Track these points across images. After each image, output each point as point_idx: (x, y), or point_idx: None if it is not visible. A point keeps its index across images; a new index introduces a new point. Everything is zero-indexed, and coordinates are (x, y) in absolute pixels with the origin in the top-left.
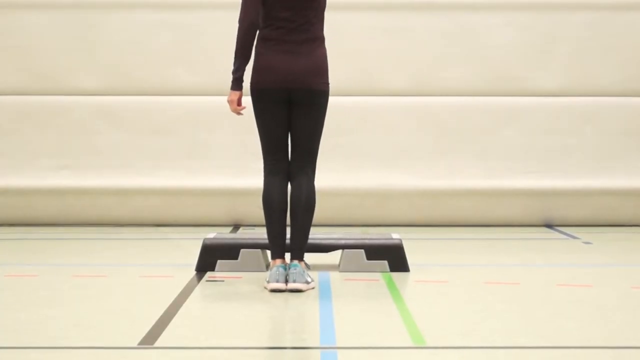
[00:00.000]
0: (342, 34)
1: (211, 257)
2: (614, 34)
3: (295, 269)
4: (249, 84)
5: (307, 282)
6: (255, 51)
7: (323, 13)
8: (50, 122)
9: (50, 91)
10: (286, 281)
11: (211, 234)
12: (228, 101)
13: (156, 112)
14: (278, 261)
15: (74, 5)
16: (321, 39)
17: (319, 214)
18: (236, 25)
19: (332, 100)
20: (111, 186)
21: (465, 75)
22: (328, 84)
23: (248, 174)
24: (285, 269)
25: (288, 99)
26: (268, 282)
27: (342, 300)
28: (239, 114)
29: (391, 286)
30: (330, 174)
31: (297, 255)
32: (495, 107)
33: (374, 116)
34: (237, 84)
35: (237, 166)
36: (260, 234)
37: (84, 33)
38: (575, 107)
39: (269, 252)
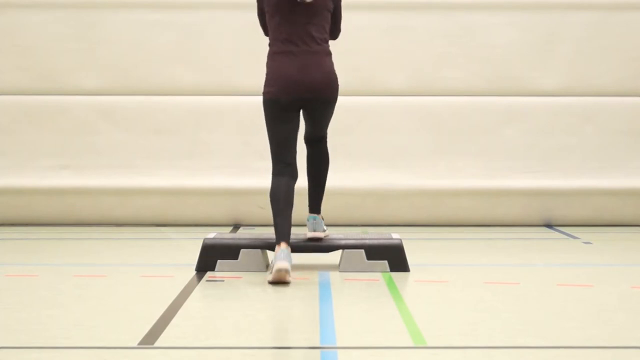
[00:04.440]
0: (342, 33)
1: (211, 257)
2: (614, 34)
3: (314, 220)
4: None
5: (324, 231)
6: (267, 64)
7: (327, 27)
8: (50, 122)
9: (50, 91)
10: (289, 262)
11: (211, 234)
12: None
13: (156, 112)
14: (283, 245)
15: (74, 5)
16: (328, 51)
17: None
18: (236, 25)
19: None
20: (111, 186)
21: (465, 75)
22: (337, 90)
23: (249, 174)
24: (289, 250)
25: (299, 107)
26: (275, 262)
27: (342, 300)
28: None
29: (391, 286)
30: (331, 174)
31: (315, 210)
32: (495, 107)
33: (374, 116)
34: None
35: (237, 166)
36: (260, 234)
37: (84, 33)
38: (575, 107)
39: (269, 252)
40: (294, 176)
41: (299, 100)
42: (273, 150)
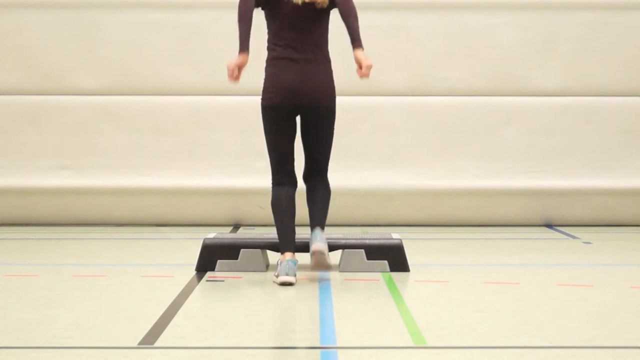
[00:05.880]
0: (342, 33)
1: (211, 257)
2: (614, 33)
3: (317, 235)
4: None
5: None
6: (266, 70)
7: (327, 32)
8: (50, 122)
9: (50, 91)
10: (294, 275)
11: (211, 234)
12: (227, 65)
13: (156, 112)
14: (288, 255)
15: (74, 5)
16: (327, 59)
17: None
18: (236, 25)
19: None
20: (111, 186)
21: (465, 75)
22: (335, 100)
23: (248, 173)
24: (294, 263)
25: (297, 115)
26: (278, 275)
27: (342, 300)
28: (232, 79)
29: (391, 286)
30: (331, 174)
31: (318, 224)
32: (495, 107)
33: (374, 116)
34: (240, 49)
35: (237, 166)
36: (260, 234)
37: (84, 33)
38: (575, 107)
39: (269, 252)
40: (294, 184)
41: (297, 107)
42: (272, 159)
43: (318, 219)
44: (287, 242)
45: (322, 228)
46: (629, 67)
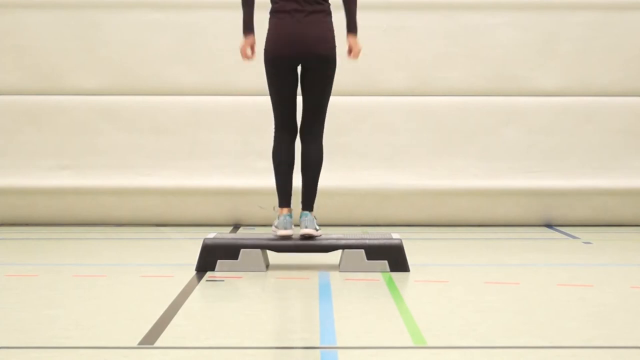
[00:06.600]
0: (342, 33)
1: (211, 257)
2: (614, 33)
3: (306, 217)
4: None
5: (317, 229)
6: (269, 23)
7: None
8: (50, 122)
9: (50, 91)
10: (291, 229)
11: (211, 234)
12: (240, 49)
13: (157, 112)
14: (285, 210)
15: (75, 5)
16: (328, 11)
17: (319, 213)
18: (236, 25)
19: (332, 100)
20: (111, 186)
21: (465, 75)
22: (334, 50)
23: (248, 173)
24: (291, 217)
25: (299, 65)
26: (277, 228)
27: (342, 300)
28: (247, 58)
29: (391, 286)
30: (330, 174)
31: (307, 207)
32: (495, 107)
33: (374, 116)
34: (245, 32)
35: (237, 166)
36: (260, 234)
37: (84, 33)
38: (575, 107)
39: (269, 252)
40: (293, 131)
41: (297, 55)
42: (275, 110)
43: (308, 199)
44: (284, 198)
45: (311, 209)
46: (629, 67)
